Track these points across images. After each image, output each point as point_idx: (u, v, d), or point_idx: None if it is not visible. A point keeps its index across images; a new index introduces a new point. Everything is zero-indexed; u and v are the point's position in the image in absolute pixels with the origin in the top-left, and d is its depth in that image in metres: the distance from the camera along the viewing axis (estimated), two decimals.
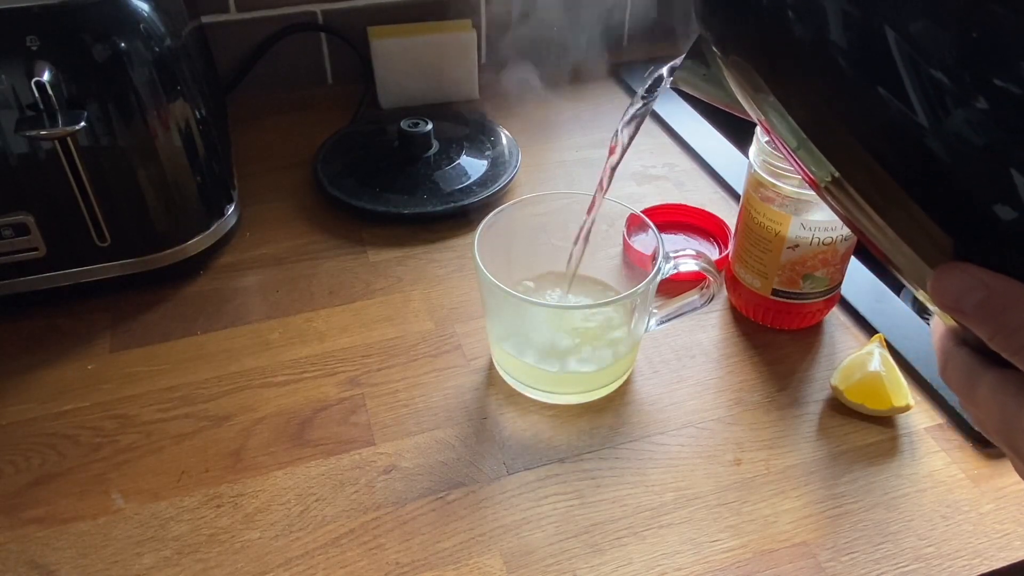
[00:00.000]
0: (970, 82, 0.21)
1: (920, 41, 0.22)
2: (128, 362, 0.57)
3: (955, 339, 0.28)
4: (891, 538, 0.46)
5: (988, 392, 0.26)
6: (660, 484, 0.49)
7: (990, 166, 0.22)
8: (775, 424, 0.53)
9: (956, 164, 0.22)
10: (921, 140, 0.22)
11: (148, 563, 0.45)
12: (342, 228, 0.70)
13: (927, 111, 0.22)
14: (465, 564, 0.45)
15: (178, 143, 0.59)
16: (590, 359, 0.53)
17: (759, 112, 0.28)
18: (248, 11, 0.84)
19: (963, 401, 0.28)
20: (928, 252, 0.25)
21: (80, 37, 0.53)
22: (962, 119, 0.22)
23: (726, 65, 0.29)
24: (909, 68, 0.22)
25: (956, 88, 0.21)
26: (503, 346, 0.55)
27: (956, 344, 0.28)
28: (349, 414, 0.53)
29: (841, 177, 0.25)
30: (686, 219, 0.70)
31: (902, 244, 0.25)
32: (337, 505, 0.48)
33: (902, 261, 0.26)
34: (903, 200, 0.24)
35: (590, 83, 0.91)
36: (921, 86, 0.22)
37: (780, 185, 0.52)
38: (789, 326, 0.59)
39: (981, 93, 0.21)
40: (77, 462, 0.50)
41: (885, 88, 0.22)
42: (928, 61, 0.22)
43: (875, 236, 0.26)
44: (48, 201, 0.56)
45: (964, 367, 0.27)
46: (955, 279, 0.24)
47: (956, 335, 0.28)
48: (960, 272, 0.24)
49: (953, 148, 0.22)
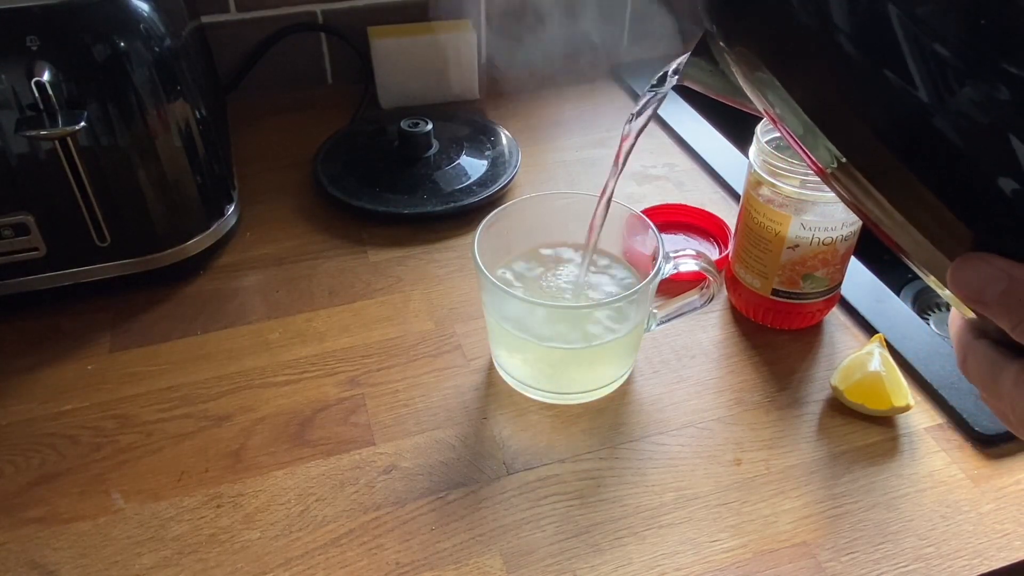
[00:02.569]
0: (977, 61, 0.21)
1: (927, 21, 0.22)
2: (128, 362, 0.57)
3: (974, 331, 0.28)
4: (891, 538, 0.46)
5: (1012, 384, 0.26)
6: (660, 484, 0.49)
7: (1006, 149, 0.22)
8: (775, 424, 0.53)
9: (970, 149, 0.22)
10: (932, 123, 0.22)
11: (148, 563, 0.45)
12: (342, 228, 0.70)
13: (939, 94, 0.22)
14: (465, 564, 0.45)
15: (178, 143, 0.59)
16: (590, 359, 0.53)
17: (765, 102, 0.28)
18: (248, 11, 0.84)
19: (985, 395, 0.27)
20: (943, 241, 0.24)
21: (80, 37, 0.53)
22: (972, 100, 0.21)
23: (732, 58, 0.29)
24: (914, 48, 0.22)
25: (965, 67, 0.21)
26: (503, 346, 0.55)
27: (976, 336, 0.27)
28: (349, 414, 0.53)
29: (848, 162, 0.25)
30: (686, 219, 0.70)
31: (912, 230, 0.25)
32: (337, 505, 0.48)
33: (912, 247, 0.26)
34: (915, 187, 0.23)
35: (590, 83, 0.91)
36: (928, 66, 0.22)
37: (780, 185, 0.52)
38: (789, 326, 0.59)
39: (989, 72, 0.21)
40: (77, 462, 0.50)
41: (891, 70, 0.22)
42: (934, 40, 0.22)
43: (884, 222, 0.26)
44: (48, 201, 0.56)
45: (985, 360, 0.27)
46: (976, 269, 0.23)
47: (975, 327, 0.28)
48: (981, 262, 0.23)
49: (965, 129, 0.22)
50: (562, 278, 0.56)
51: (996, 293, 0.23)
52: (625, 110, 0.86)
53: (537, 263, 0.57)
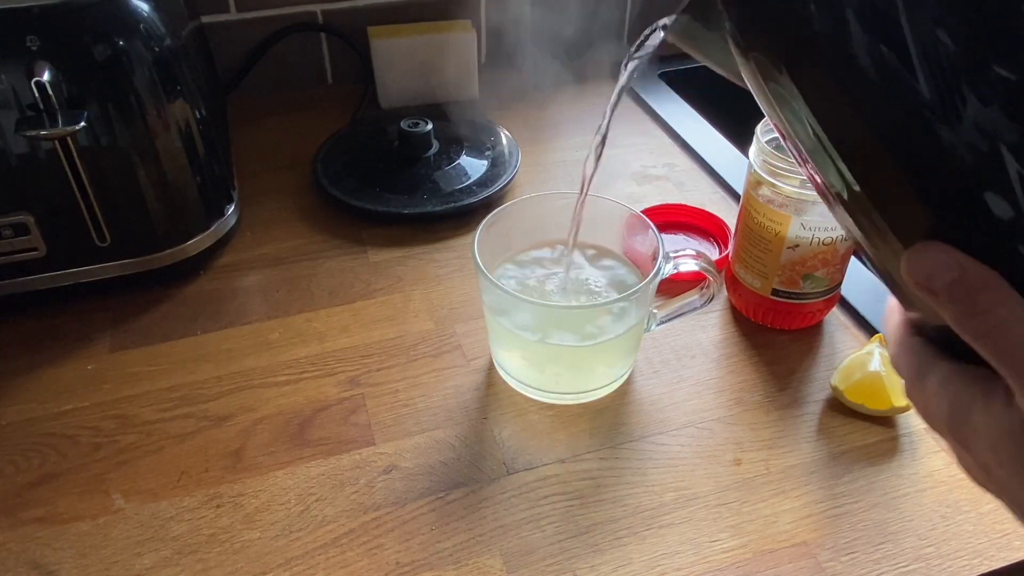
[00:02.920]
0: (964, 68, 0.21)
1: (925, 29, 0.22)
2: (128, 362, 0.57)
3: (910, 328, 0.28)
4: (891, 538, 0.46)
5: (938, 382, 0.26)
6: (660, 484, 0.49)
7: (980, 154, 0.22)
8: (775, 424, 0.53)
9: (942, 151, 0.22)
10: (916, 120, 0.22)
11: (148, 563, 0.45)
12: (342, 228, 0.70)
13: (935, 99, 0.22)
14: (465, 564, 0.45)
15: (178, 143, 0.59)
16: (590, 359, 0.53)
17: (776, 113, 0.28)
18: (248, 11, 0.84)
19: (910, 389, 0.28)
20: (905, 227, 0.25)
21: (80, 37, 0.53)
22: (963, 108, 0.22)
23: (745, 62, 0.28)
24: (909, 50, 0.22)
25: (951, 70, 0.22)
26: (503, 346, 0.55)
27: (911, 333, 0.28)
28: (349, 414, 0.53)
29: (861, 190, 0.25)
30: (686, 219, 0.70)
31: (875, 213, 0.25)
32: (337, 505, 0.48)
33: (873, 232, 0.26)
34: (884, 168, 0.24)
35: (590, 83, 0.91)
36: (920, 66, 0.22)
37: (780, 185, 0.52)
38: (789, 326, 0.59)
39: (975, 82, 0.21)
40: (77, 462, 0.50)
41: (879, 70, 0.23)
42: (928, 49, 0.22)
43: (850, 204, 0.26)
44: (48, 201, 0.56)
45: (917, 355, 0.28)
46: (931, 257, 0.24)
47: (913, 324, 0.28)
48: (937, 250, 0.24)
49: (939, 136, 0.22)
50: (562, 278, 0.56)
51: (946, 282, 0.24)
52: (625, 110, 0.86)
53: (537, 263, 0.57)
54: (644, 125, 0.84)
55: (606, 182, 0.75)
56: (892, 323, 0.30)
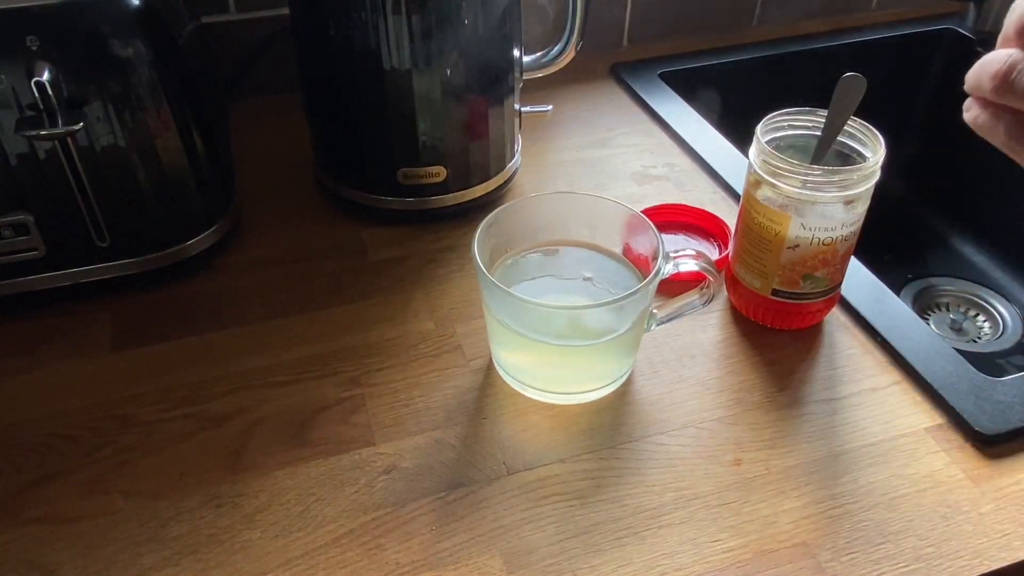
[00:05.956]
0: None
1: None
2: (128, 362, 0.57)
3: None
4: (891, 538, 0.46)
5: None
6: (660, 484, 0.49)
7: None
8: (775, 424, 0.53)
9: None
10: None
11: (148, 563, 0.45)
12: (342, 228, 0.70)
13: None
14: (465, 564, 0.45)
15: (178, 143, 0.59)
16: (590, 358, 0.53)
17: None
18: (248, 11, 0.84)
19: None
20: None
21: (80, 37, 0.53)
22: None
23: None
24: None
25: None
26: (503, 346, 0.55)
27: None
28: (349, 414, 0.53)
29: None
30: (686, 219, 0.70)
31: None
32: (337, 505, 0.48)
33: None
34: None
35: (590, 83, 0.91)
36: None
37: (780, 185, 0.52)
38: (789, 326, 0.59)
39: None
40: (77, 462, 0.50)
41: None
42: None
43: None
44: (48, 201, 0.56)
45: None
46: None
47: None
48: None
49: None
50: (562, 278, 0.56)
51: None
52: (625, 110, 0.86)
53: (537, 263, 0.57)
54: (644, 125, 0.84)
55: (606, 182, 0.75)
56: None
